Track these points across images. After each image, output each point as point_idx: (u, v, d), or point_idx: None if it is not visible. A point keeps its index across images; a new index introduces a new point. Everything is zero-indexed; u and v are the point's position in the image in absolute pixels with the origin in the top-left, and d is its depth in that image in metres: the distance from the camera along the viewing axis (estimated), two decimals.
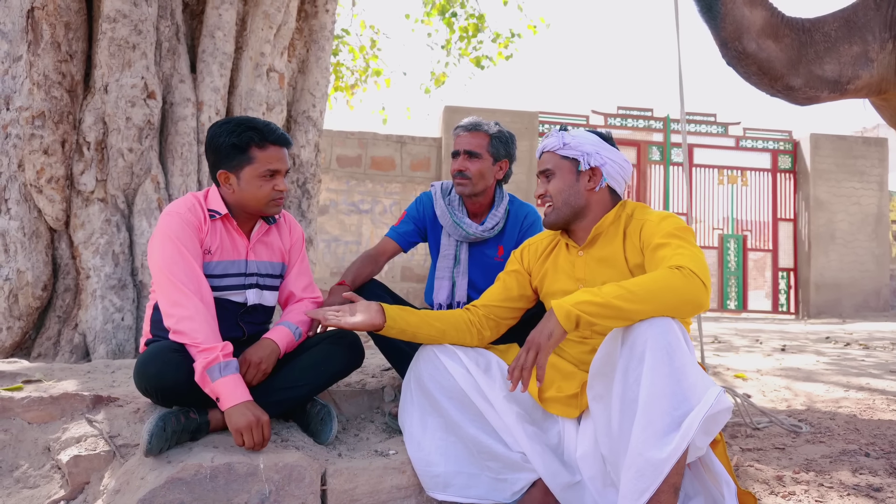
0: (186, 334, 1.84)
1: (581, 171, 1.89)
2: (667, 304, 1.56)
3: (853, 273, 10.04)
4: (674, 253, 1.67)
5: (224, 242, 2.06)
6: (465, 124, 2.48)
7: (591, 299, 1.57)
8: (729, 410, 1.54)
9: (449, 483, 1.84)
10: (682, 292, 1.57)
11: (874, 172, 10.26)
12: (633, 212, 1.89)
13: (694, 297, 1.58)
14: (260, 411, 1.81)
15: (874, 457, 2.11)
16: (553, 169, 1.90)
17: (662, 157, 10.13)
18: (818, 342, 5.25)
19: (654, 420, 1.48)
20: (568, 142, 1.90)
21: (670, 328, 1.55)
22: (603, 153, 1.89)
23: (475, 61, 8.46)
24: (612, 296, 1.56)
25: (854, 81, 2.51)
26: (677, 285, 1.57)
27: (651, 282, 1.58)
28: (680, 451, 1.46)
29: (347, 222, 9.22)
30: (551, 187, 1.90)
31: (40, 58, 2.99)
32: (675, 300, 1.57)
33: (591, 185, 1.88)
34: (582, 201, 1.89)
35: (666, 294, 1.56)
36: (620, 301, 1.55)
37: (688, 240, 1.73)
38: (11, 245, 2.99)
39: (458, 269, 2.50)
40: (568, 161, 1.90)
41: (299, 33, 3.91)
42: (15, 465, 1.94)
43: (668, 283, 1.57)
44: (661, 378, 1.50)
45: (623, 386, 1.56)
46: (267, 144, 1.99)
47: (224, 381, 1.80)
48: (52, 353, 3.03)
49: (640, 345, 1.54)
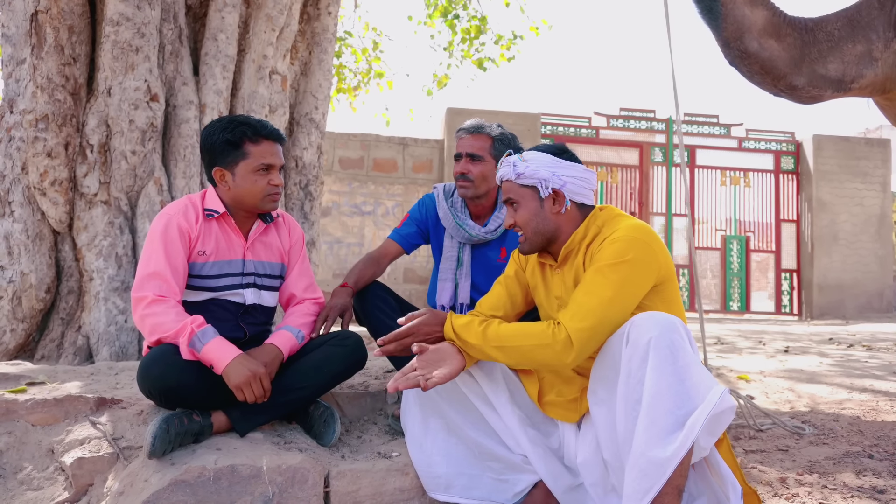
0: (154, 331, 1.90)
1: (543, 197, 1.82)
2: (526, 362, 1.73)
3: (856, 274, 10.02)
4: (582, 292, 1.68)
5: (220, 243, 2.07)
6: (467, 127, 2.48)
7: (472, 340, 1.73)
8: (732, 410, 1.54)
9: (451, 484, 1.84)
10: (540, 356, 1.67)
11: (877, 173, 10.24)
12: (603, 226, 1.81)
13: (548, 362, 1.68)
14: (255, 364, 1.87)
15: (878, 458, 2.11)
16: (515, 199, 1.84)
17: (665, 158, 10.12)
18: (821, 343, 5.24)
19: (658, 419, 1.48)
20: (521, 171, 1.81)
21: (673, 327, 1.54)
22: (561, 173, 1.80)
23: (477, 63, 8.46)
24: (491, 344, 1.71)
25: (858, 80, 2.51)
26: (539, 351, 1.66)
27: (519, 337, 1.69)
28: (684, 450, 1.45)
29: (350, 224, 9.23)
30: (518, 218, 1.84)
31: (44, 61, 3.00)
32: (533, 362, 1.71)
33: (557, 209, 1.82)
34: (551, 226, 1.83)
35: (528, 354, 1.68)
36: (488, 348, 1.71)
37: (614, 278, 1.66)
38: (15, 247, 2.99)
39: (461, 270, 2.49)
40: (528, 189, 1.82)
41: (302, 36, 3.92)
42: (19, 468, 1.94)
43: (534, 345, 1.67)
44: (664, 377, 1.49)
45: (627, 387, 1.56)
46: (260, 139, 2.03)
47: (208, 349, 1.86)
48: (56, 355, 3.04)
49: (643, 344, 1.53)
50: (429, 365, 1.70)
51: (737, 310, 10.10)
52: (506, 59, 8.52)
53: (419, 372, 1.69)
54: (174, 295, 1.96)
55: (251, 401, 1.86)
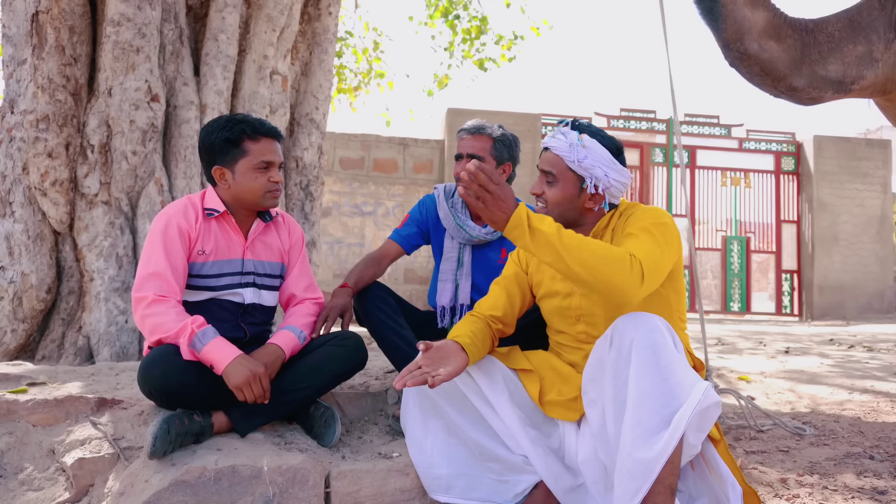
0: (155, 332, 1.90)
1: (584, 186, 1.81)
2: (597, 278, 1.56)
3: (857, 275, 10.02)
4: (636, 242, 1.67)
5: (220, 242, 2.07)
6: (468, 127, 2.48)
7: (546, 230, 1.57)
8: (719, 405, 1.54)
9: (451, 485, 1.84)
10: (615, 275, 1.56)
11: (878, 174, 10.24)
12: (625, 210, 1.86)
13: (621, 285, 1.57)
14: (255, 364, 1.87)
15: (879, 459, 2.11)
16: (557, 176, 1.80)
17: (665, 158, 10.12)
18: (822, 344, 5.23)
19: (643, 419, 1.48)
20: (580, 159, 1.77)
21: (655, 327, 1.55)
22: (611, 176, 1.79)
23: (478, 63, 8.46)
24: (563, 240, 1.57)
25: (858, 81, 2.51)
26: (615, 268, 1.56)
27: (600, 249, 1.58)
28: (669, 449, 1.45)
29: (350, 224, 9.23)
30: (550, 194, 1.82)
31: (45, 61, 3.00)
32: (604, 280, 1.57)
33: (592, 205, 1.82)
34: (576, 214, 1.84)
35: (602, 269, 1.56)
36: (564, 250, 1.56)
37: (658, 236, 1.70)
38: (16, 248, 3.00)
39: (462, 271, 2.50)
40: (574, 174, 1.79)
41: (302, 36, 3.92)
42: (20, 468, 1.94)
43: (610, 261, 1.57)
44: (647, 377, 1.50)
45: (614, 388, 1.57)
46: (259, 137, 2.04)
47: (208, 349, 1.86)
48: (56, 355, 3.04)
49: (626, 346, 1.54)
50: (433, 362, 1.68)
51: (737, 310, 10.10)
52: (506, 60, 8.51)
53: (424, 369, 1.66)
54: (174, 294, 1.96)
55: (251, 401, 1.87)
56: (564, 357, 1.94)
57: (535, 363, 1.93)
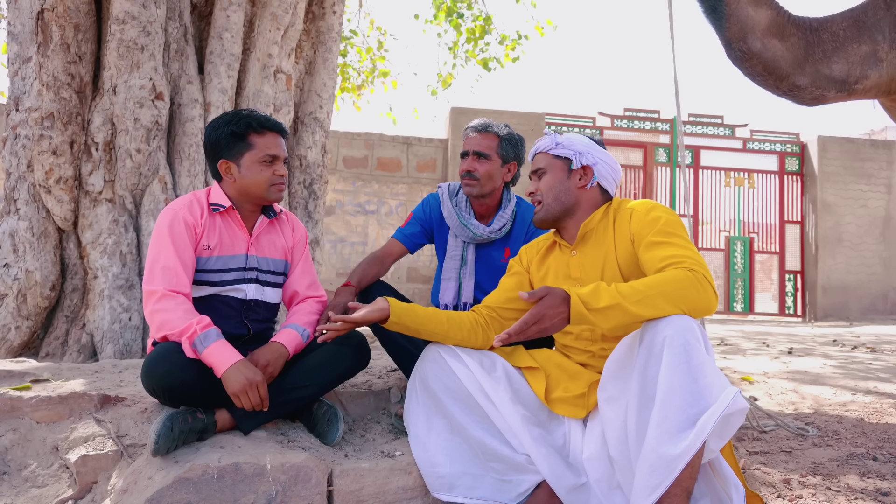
0: (162, 328, 1.91)
1: (573, 169, 1.94)
2: (679, 307, 1.58)
3: (860, 276, 10.00)
4: (678, 254, 1.68)
5: (224, 238, 2.08)
6: (475, 125, 2.48)
7: (606, 303, 1.58)
8: (744, 413, 1.53)
9: (454, 484, 1.84)
10: (694, 298, 1.59)
11: (882, 175, 10.21)
12: (619, 205, 1.93)
13: (705, 304, 1.61)
14: (252, 372, 1.86)
15: (882, 461, 2.10)
16: (545, 168, 1.96)
17: (669, 158, 10.11)
18: (825, 345, 5.22)
19: (669, 416, 1.48)
20: (560, 141, 1.95)
21: (689, 327, 1.55)
22: (595, 153, 1.94)
23: (482, 63, 8.45)
24: (626, 298, 1.58)
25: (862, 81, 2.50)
26: (689, 291, 1.59)
27: (665, 283, 1.59)
28: (694, 448, 1.45)
29: (353, 223, 9.24)
30: (542, 184, 1.95)
31: (50, 59, 3.01)
32: (688, 304, 1.59)
33: (582, 183, 1.93)
34: (572, 198, 1.93)
35: (678, 298, 1.58)
36: (634, 305, 1.57)
37: (685, 237, 1.76)
38: (20, 245, 3.00)
39: (465, 270, 2.50)
40: (560, 160, 1.95)
41: (307, 35, 3.92)
42: (23, 465, 1.95)
43: (681, 287, 1.59)
44: (677, 375, 1.49)
45: (641, 385, 1.56)
46: (264, 131, 2.07)
47: (209, 352, 1.86)
48: (60, 352, 3.05)
49: (658, 343, 1.54)
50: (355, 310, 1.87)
51: (740, 311, 10.09)
52: (510, 60, 8.50)
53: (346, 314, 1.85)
54: (184, 287, 1.96)
55: (248, 408, 1.86)
56: (573, 352, 1.95)
57: (541, 361, 1.94)
